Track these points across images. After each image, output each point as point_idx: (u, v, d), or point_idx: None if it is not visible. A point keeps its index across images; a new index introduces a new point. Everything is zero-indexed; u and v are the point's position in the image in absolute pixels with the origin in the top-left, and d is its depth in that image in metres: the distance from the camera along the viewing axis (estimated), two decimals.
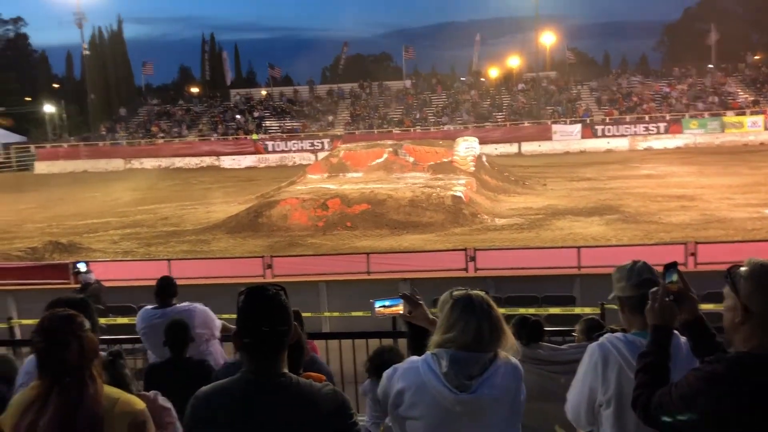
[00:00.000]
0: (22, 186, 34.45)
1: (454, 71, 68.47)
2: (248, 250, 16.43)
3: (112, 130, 47.11)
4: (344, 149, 26.05)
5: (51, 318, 2.35)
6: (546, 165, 31.44)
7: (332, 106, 47.65)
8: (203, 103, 51.14)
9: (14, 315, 10.45)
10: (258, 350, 2.20)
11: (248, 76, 79.41)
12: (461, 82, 50.32)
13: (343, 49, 58.52)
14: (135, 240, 18.48)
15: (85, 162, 41.73)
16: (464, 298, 2.50)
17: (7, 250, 17.25)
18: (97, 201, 27.46)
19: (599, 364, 2.68)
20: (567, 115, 42.04)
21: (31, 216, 24.21)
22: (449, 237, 16.80)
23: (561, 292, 9.75)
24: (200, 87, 62.51)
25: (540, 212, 19.46)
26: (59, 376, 2.26)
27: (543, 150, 38.34)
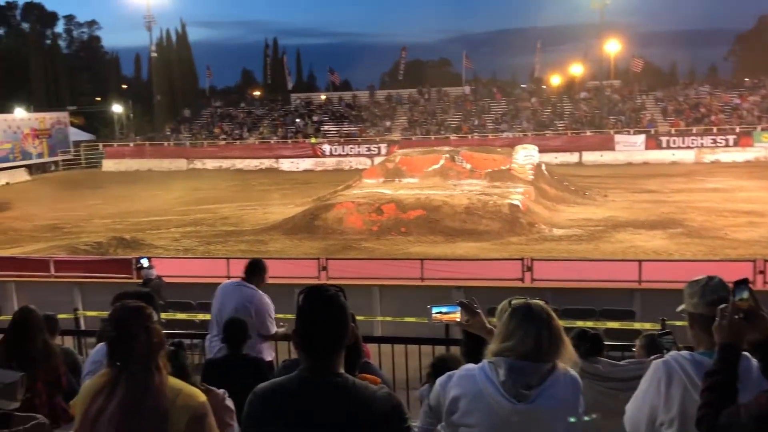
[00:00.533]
0: (91, 182, 35.78)
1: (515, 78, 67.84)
2: (304, 252, 16.63)
3: (176, 130, 48.47)
4: (401, 154, 26.11)
5: (122, 309, 2.45)
6: (607, 176, 30.75)
7: (390, 111, 47.82)
8: (264, 106, 52.08)
9: (79, 306, 10.83)
10: (315, 349, 2.22)
11: (309, 81, 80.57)
12: (522, 89, 49.75)
13: (402, 55, 58.62)
14: (195, 238, 18.94)
15: (150, 161, 43.03)
16: (523, 306, 2.47)
17: (75, 243, 17.95)
18: (160, 199, 28.28)
19: (663, 382, 2.58)
20: (630, 125, 41.03)
21: (98, 212, 25.12)
22: (505, 246, 16.61)
23: (620, 306, 9.52)
24: (262, 90, 63.70)
25: (600, 224, 19.04)
26: (127, 365, 2.35)
27: (605, 160, 37.49)
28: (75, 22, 70.20)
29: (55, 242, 18.87)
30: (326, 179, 32.17)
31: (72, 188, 33.52)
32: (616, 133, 39.61)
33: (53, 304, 8.76)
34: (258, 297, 5.76)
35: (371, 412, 2.17)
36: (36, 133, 42.58)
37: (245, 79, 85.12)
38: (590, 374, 4.27)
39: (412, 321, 9.11)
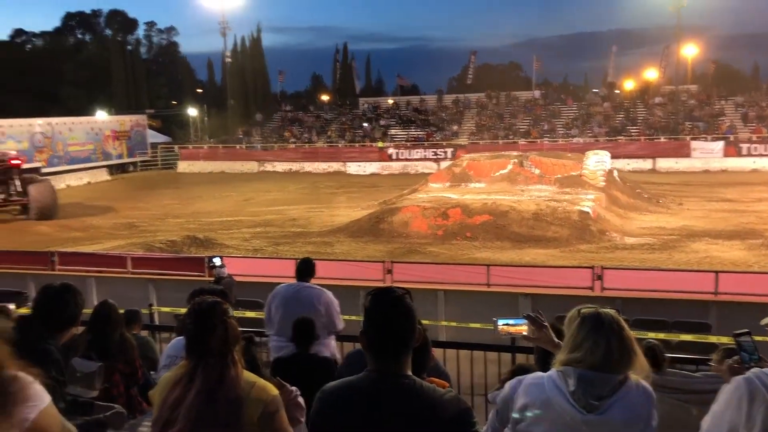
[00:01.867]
0: (166, 183, 37.09)
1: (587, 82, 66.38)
2: (369, 255, 16.73)
3: (248, 133, 49.66)
4: (468, 159, 25.93)
5: (201, 304, 2.55)
6: (683, 183, 29.67)
7: (458, 115, 47.60)
8: (333, 110, 52.75)
9: (154, 302, 11.23)
10: (383, 350, 2.24)
11: (377, 85, 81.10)
12: (594, 93, 48.58)
13: (472, 59, 58.25)
14: (264, 238, 19.34)
15: (223, 163, 44.21)
16: (593, 315, 2.40)
17: (150, 241, 18.62)
18: (231, 200, 29.02)
19: (744, 400, 2.48)
20: (708, 131, 39.46)
21: (172, 211, 26.00)
22: (574, 254, 16.26)
23: (694, 318, 9.17)
24: (331, 95, 64.55)
25: (674, 233, 18.39)
26: (205, 357, 2.44)
27: (680, 167, 36.19)
28: (155, 29, 72.99)
29: (132, 240, 19.63)
30: (392, 183, 32.31)
31: (149, 188, 34.83)
32: (693, 139, 38.15)
33: (129, 299, 9.12)
34: (325, 295, 5.89)
35: (438, 415, 2.17)
36: (116, 135, 44.45)
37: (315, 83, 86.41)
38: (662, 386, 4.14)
39: (477, 327, 9.04)
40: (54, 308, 3.12)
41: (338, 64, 67.28)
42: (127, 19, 70.00)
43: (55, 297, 3.17)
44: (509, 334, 4.25)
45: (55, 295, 3.18)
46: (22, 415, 2.06)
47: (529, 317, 3.03)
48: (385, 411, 2.18)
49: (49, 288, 3.24)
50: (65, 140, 40.53)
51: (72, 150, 41.02)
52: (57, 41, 67.90)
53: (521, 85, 56.34)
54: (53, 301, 3.15)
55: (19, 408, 2.06)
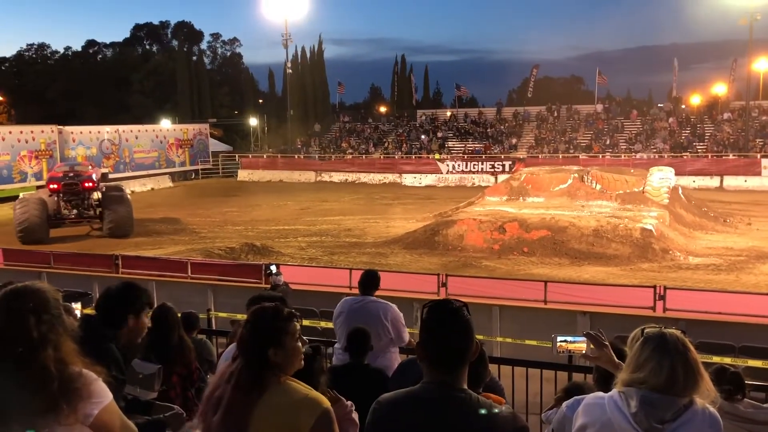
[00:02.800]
0: (226, 191, 37.90)
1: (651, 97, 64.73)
2: (423, 267, 16.66)
3: (306, 144, 50.36)
4: (526, 172, 25.57)
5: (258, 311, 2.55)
6: (752, 202, 28.53)
7: (517, 128, 47.12)
8: (390, 122, 53.00)
9: (212, 307, 11.45)
10: (439, 363, 2.21)
11: (435, 97, 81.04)
12: (658, 108, 47.30)
13: (533, 72, 57.62)
14: (320, 248, 19.51)
15: (281, 172, 44.93)
16: (657, 336, 2.32)
17: (210, 248, 19.04)
18: (289, 209, 29.44)
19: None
20: None
21: (232, 219, 26.55)
22: (635, 272, 15.81)
23: (763, 343, 8.77)
24: (388, 106, 64.86)
25: (742, 253, 17.67)
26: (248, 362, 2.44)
27: (749, 186, 34.84)
28: (220, 40, 75.01)
29: (192, 245, 20.12)
30: (448, 195, 32.18)
31: (209, 196, 35.69)
32: (764, 157, 36.69)
33: (188, 304, 9.32)
34: (392, 309, 5.82)
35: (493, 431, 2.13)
36: (179, 143, 45.79)
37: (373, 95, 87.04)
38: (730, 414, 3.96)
39: (534, 344, 8.87)
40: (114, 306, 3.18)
41: (396, 75, 67.60)
42: (193, 31, 72.24)
43: (115, 296, 3.23)
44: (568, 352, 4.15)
45: (116, 294, 3.24)
46: (87, 410, 2.13)
47: (590, 335, 2.95)
48: (440, 424, 2.15)
49: (110, 288, 3.32)
50: (131, 147, 41.99)
51: (137, 157, 42.47)
52: (126, 51, 70.59)
53: (583, 99, 55.32)
54: (114, 300, 3.21)
55: (84, 404, 2.13)
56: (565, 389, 3.69)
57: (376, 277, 6.04)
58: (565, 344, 3.18)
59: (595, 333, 2.96)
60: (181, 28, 72.00)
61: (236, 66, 74.20)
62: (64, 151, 37.50)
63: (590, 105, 49.24)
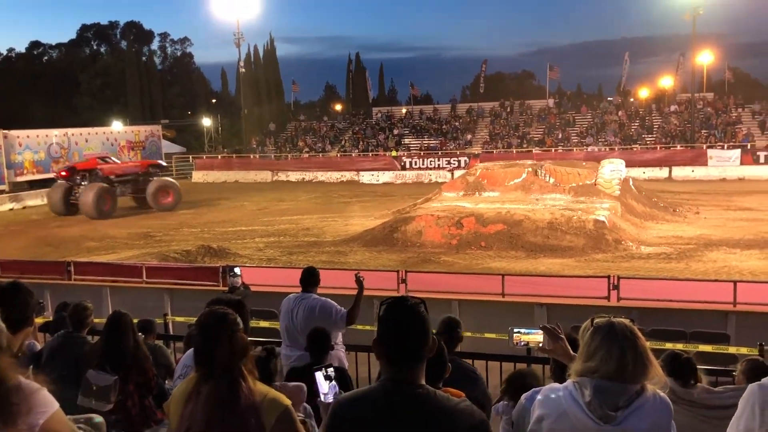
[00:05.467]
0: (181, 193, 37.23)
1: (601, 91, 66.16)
2: (383, 264, 16.70)
3: (261, 143, 49.92)
4: (481, 168, 25.83)
5: (208, 314, 2.52)
6: (699, 192, 29.41)
7: (471, 124, 47.59)
8: (346, 120, 52.93)
9: (168, 311, 11.27)
10: (396, 360, 2.22)
11: (390, 95, 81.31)
12: (608, 102, 48.37)
13: (483, 68, 58.29)
14: (278, 248, 19.37)
15: (237, 173, 44.44)
16: (606, 325, 2.38)
17: (165, 251, 18.71)
18: (245, 210, 29.14)
19: (757, 406, 2.54)
20: (725, 139, 39.15)
21: (187, 221, 26.14)
22: (589, 263, 16.13)
23: (713, 328, 9.05)
24: (344, 104, 64.74)
25: (691, 242, 18.20)
26: (212, 369, 2.42)
27: (696, 176, 35.91)
28: (169, 40, 73.65)
29: (146, 249, 19.74)
30: (406, 192, 32.30)
31: None
32: (709, 147, 37.87)
33: (144, 309, 9.16)
34: (320, 303, 5.99)
35: (452, 425, 2.15)
36: (131, 146, 44.83)
37: (328, 93, 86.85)
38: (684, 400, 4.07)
39: (493, 337, 8.97)
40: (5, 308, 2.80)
41: (351, 73, 67.56)
42: (142, 31, 70.74)
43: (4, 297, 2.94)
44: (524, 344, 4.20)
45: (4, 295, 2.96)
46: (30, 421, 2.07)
47: (545, 328, 3.00)
48: (399, 421, 2.16)
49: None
50: (81, 151, 40.91)
51: None
52: (73, 52, 68.69)
53: (535, 94, 56.20)
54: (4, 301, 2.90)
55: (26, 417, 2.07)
56: (507, 380, 3.75)
57: (313, 274, 6.18)
58: (520, 336, 3.24)
59: (551, 326, 3.01)
60: (130, 28, 70.41)
61: (187, 66, 73.00)
62: (10, 156, 36.36)
63: (542, 100, 50.07)
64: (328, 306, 6.00)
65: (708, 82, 52.35)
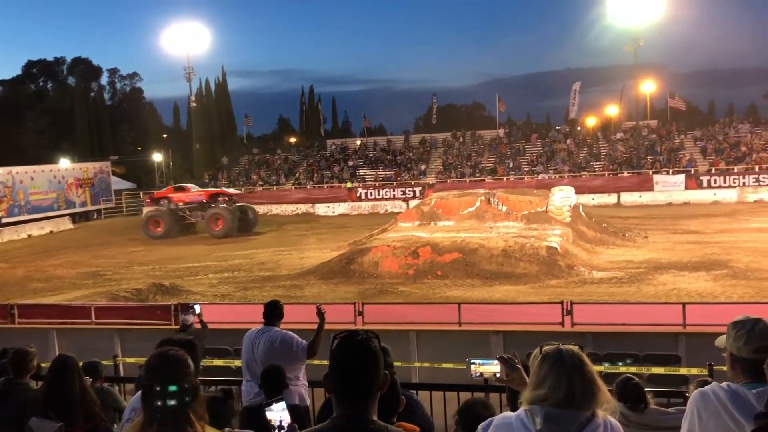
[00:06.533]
0: (132, 230, 36.49)
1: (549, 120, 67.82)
2: (340, 296, 16.60)
3: (214, 177, 49.39)
4: (436, 197, 26.07)
5: (156, 356, 2.44)
6: (647, 216, 30.23)
7: (425, 155, 48.10)
8: (300, 152, 52.91)
9: (119, 353, 10.94)
10: (345, 396, 2.19)
11: (344, 127, 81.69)
12: (557, 131, 49.59)
13: (433, 100, 59.34)
14: (232, 284, 19.08)
15: None
16: (554, 353, 2.37)
17: (115, 290, 18.23)
18: (197, 245, 28.68)
19: (696, 411, 2.65)
20: (669, 165, 40.47)
21: (138, 259, 25.57)
22: (544, 289, 16.33)
23: (664, 350, 9.23)
24: (298, 137, 64.74)
25: (641, 266, 18.63)
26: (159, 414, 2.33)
27: (644, 201, 36.96)
28: (118, 75, 72.71)
29: (96, 289, 19.21)
30: (362, 223, 32.31)
31: (113, 236, 34.24)
32: (655, 173, 39.09)
33: (93, 351, 8.87)
34: (281, 335, 5.92)
35: None
36: (79, 183, 43.86)
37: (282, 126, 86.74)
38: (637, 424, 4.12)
39: (450, 367, 8.96)
40: None
41: (304, 106, 67.79)
42: (90, 66, 69.63)
43: None
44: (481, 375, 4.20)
45: None
46: None
47: (502, 359, 3.00)
48: None
49: None
50: (26, 189, 39.82)
51: (34, 199, 40.29)
52: (18, 89, 67.14)
53: (486, 124, 57.26)
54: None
55: None
56: (458, 411, 3.74)
57: (276, 308, 6.10)
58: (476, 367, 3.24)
59: (508, 356, 3.01)
60: (77, 64, 69.22)
61: (138, 101, 72.04)
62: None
63: (493, 130, 51.02)
64: (289, 338, 5.93)
65: (651, 110, 54.22)
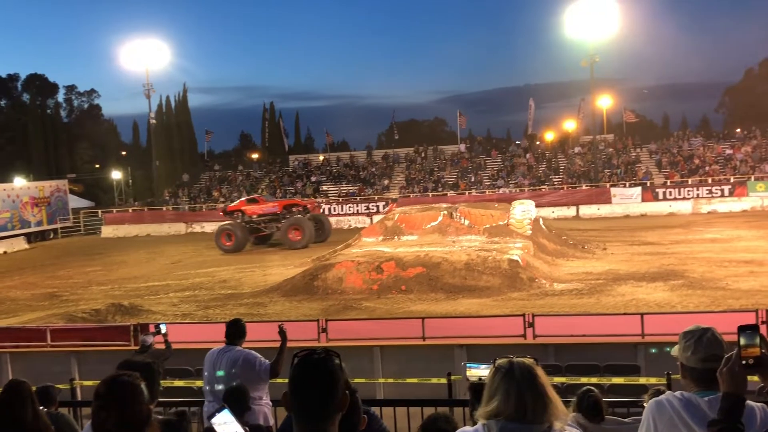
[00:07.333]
0: (89, 249, 35.76)
1: (510, 135, 68.80)
2: (303, 314, 16.47)
3: (175, 195, 48.78)
4: (399, 212, 26.14)
5: (106, 383, 2.38)
6: (605, 228, 30.80)
7: (388, 170, 48.31)
8: (262, 168, 52.61)
9: (76, 376, 10.66)
10: (303, 416, 2.17)
11: (307, 143, 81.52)
12: (516, 145, 50.37)
13: (393, 116, 59.87)
14: (193, 302, 18.78)
15: (149, 226, 43.14)
16: (505, 366, 2.36)
17: (72, 311, 17.77)
18: (158, 264, 28.20)
19: (652, 420, 2.70)
20: (626, 178, 41.38)
21: (96, 278, 25.01)
22: (506, 302, 16.47)
23: (624, 360, 9.38)
24: (260, 153, 64.39)
25: (600, 277, 18.94)
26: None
27: (602, 213, 37.67)
28: (75, 92, 71.47)
29: (52, 311, 18.71)
30: None
31: (70, 255, 33.48)
32: (612, 186, 39.91)
33: (49, 375, 8.64)
34: (243, 355, 5.84)
35: None
36: (35, 202, 42.81)
37: (243, 142, 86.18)
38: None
39: (414, 381, 8.96)
40: None
41: (266, 122, 67.50)
42: (46, 83, 68.35)
43: None
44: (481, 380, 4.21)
45: None
46: None
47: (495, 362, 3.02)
48: None
49: None
50: None
51: None
52: None
53: (447, 140, 57.85)
54: None
55: None
56: (421, 426, 3.74)
57: (238, 326, 6.03)
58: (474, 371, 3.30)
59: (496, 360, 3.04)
60: (32, 81, 67.86)
61: (96, 118, 70.90)
62: None
63: (454, 145, 51.55)
64: (252, 358, 5.86)
65: (608, 125, 55.49)
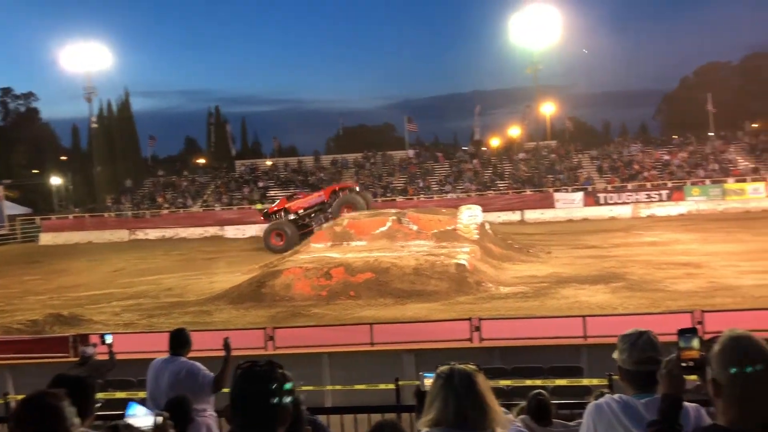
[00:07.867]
0: (27, 258, 34.51)
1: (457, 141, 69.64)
2: (250, 322, 16.23)
3: (117, 201, 47.57)
4: (348, 218, 26.10)
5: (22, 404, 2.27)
6: (549, 232, 31.43)
7: (336, 175, 48.21)
8: (208, 174, 51.80)
9: (11, 390, 10.26)
10: (245, 428, 2.14)
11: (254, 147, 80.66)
12: (463, 151, 51.02)
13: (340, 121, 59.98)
14: (137, 311, 18.31)
15: (90, 233, 41.93)
16: (445, 373, 2.33)
17: (7, 323, 17.08)
18: (100, 272, 27.41)
19: (591, 423, 2.76)
20: (568, 183, 42.38)
21: (33, 288, 24.13)
22: (454, 306, 16.61)
23: (568, 362, 9.56)
24: (206, 158, 63.40)
25: (545, 280, 19.30)
26: None
27: (546, 218, 38.47)
28: (11, 95, 68.95)
29: None
30: None
31: (6, 264, 32.20)
32: (555, 191, 40.83)
33: None
34: (186, 366, 5.72)
35: None
36: None
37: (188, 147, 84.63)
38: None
39: (362, 388, 8.95)
40: None
41: (212, 127, 66.53)
42: None
43: None
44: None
45: None
46: None
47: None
48: None
49: None
50: None
51: None
52: None
53: (395, 145, 58.12)
54: None
55: None
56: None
57: (181, 336, 5.90)
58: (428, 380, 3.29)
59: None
60: None
61: (33, 122, 68.48)
62: None
63: (402, 151, 51.85)
64: (195, 370, 5.73)
65: (552, 131, 56.74)
